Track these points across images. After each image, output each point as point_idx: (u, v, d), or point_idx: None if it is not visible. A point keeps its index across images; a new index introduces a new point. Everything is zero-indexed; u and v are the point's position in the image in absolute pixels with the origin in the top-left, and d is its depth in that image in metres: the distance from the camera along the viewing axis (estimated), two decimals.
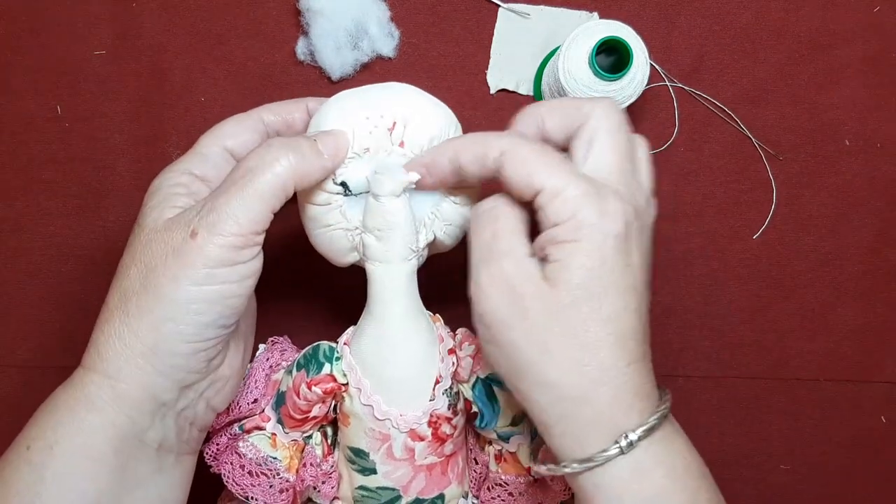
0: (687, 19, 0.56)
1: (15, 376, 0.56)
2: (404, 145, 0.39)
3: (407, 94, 0.40)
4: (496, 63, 0.56)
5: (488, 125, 0.56)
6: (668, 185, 0.57)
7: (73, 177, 0.55)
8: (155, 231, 0.36)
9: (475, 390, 0.42)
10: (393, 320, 0.41)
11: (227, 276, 0.35)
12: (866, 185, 0.57)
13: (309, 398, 0.41)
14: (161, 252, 0.35)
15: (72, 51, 0.55)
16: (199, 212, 0.35)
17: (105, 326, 0.36)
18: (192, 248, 0.35)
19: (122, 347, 0.35)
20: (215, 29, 0.56)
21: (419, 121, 0.39)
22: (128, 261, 0.37)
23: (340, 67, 0.54)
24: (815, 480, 0.58)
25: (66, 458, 0.35)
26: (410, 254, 0.41)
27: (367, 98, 0.40)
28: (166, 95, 0.55)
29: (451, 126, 0.41)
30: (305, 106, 0.44)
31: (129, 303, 0.36)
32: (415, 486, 0.42)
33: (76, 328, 0.55)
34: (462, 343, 0.43)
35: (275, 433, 0.43)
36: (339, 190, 0.40)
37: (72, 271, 0.56)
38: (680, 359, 0.57)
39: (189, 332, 0.35)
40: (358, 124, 0.39)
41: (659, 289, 0.57)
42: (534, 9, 0.56)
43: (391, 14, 0.55)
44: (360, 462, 0.42)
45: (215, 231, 0.35)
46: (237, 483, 0.42)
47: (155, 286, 0.35)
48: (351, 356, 0.41)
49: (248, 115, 0.43)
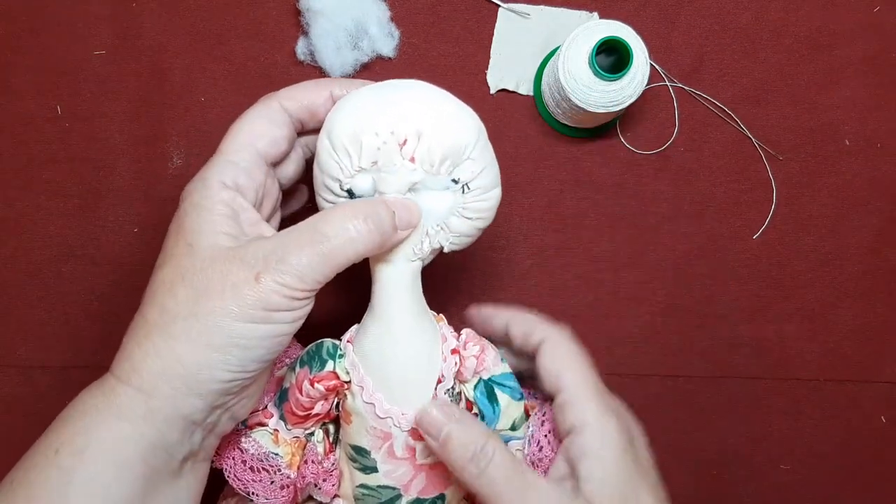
0: (687, 19, 0.56)
1: (15, 376, 0.56)
2: (415, 161, 0.39)
3: (429, 102, 0.38)
4: (496, 63, 0.56)
5: (488, 125, 0.56)
6: (668, 185, 0.57)
7: (73, 177, 0.55)
8: (213, 260, 0.35)
9: (477, 391, 0.42)
10: (396, 319, 0.41)
11: (281, 318, 0.36)
12: (866, 184, 0.57)
13: (311, 395, 0.41)
14: (219, 283, 0.35)
15: (72, 51, 0.55)
16: (266, 257, 0.35)
17: (144, 342, 0.35)
18: (255, 290, 0.34)
19: (162, 367, 0.35)
20: (215, 29, 0.56)
21: (434, 137, 0.38)
22: (172, 277, 0.36)
23: (340, 67, 0.54)
24: (815, 480, 0.58)
25: (96, 463, 0.34)
26: (414, 255, 0.41)
27: (383, 105, 0.38)
28: (166, 95, 0.55)
29: (470, 140, 0.39)
30: (330, 93, 0.42)
31: (175, 324, 0.35)
32: (415, 486, 0.42)
33: (76, 328, 0.55)
34: (466, 343, 0.42)
35: (277, 430, 0.43)
36: (345, 195, 0.40)
37: (72, 271, 0.56)
38: (680, 359, 0.57)
39: (234, 364, 0.35)
40: (367, 138, 0.38)
41: (659, 289, 0.57)
42: (534, 9, 0.56)
43: (391, 14, 0.55)
44: (361, 460, 0.42)
45: (282, 282, 0.35)
46: (238, 478, 0.42)
47: (207, 315, 0.35)
48: (354, 354, 0.41)
49: (268, 105, 0.41)
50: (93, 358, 0.55)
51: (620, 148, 0.57)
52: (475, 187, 0.40)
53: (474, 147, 0.39)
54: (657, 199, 0.57)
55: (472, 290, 0.56)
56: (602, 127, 0.56)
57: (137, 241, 0.56)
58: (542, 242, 0.56)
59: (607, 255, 0.57)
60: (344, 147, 0.38)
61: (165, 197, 0.55)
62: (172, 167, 0.55)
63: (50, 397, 0.55)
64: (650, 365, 0.57)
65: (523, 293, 0.56)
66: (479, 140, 0.39)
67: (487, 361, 0.42)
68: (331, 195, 0.40)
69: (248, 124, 0.40)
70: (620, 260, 0.57)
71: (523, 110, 0.56)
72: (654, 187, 0.57)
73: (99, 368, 0.37)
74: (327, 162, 0.39)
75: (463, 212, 0.41)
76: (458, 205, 0.40)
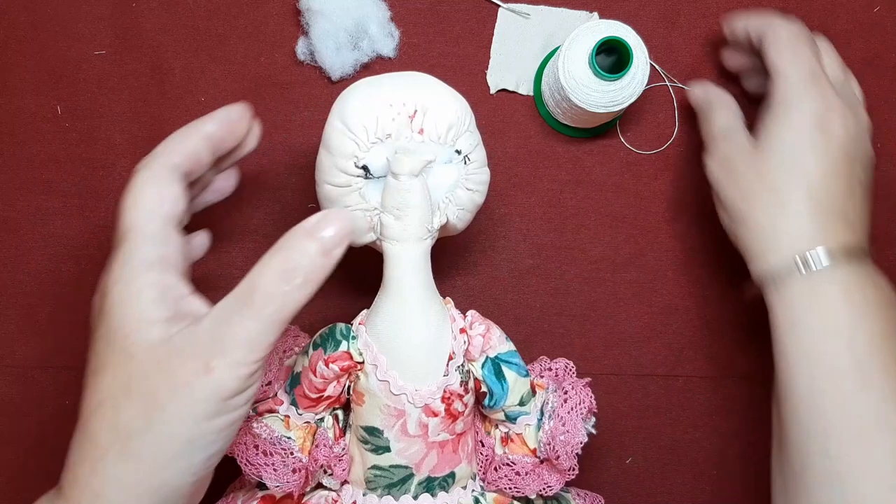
0: (687, 19, 0.56)
1: (15, 376, 0.56)
2: (423, 132, 0.42)
3: (427, 83, 0.42)
4: (496, 63, 0.56)
5: (488, 125, 0.56)
6: (668, 185, 0.57)
7: (73, 177, 0.55)
8: (155, 362, 0.33)
9: (485, 369, 0.44)
10: (408, 298, 0.43)
11: (238, 402, 0.34)
12: None
13: (326, 376, 0.43)
14: (168, 388, 0.32)
15: (72, 51, 0.55)
16: (211, 341, 0.33)
17: (98, 465, 0.33)
18: (208, 383, 0.32)
19: (121, 488, 0.33)
20: (215, 29, 0.56)
21: (438, 110, 0.42)
22: (115, 390, 0.33)
23: (340, 67, 0.54)
24: None
25: None
26: (426, 233, 0.43)
27: (390, 85, 0.42)
28: (166, 95, 0.55)
29: (467, 116, 0.43)
30: (204, 133, 0.40)
31: (130, 443, 0.33)
32: (427, 464, 0.44)
33: (76, 328, 0.55)
34: (472, 323, 0.45)
35: (288, 415, 0.44)
36: (360, 173, 0.42)
37: (72, 271, 0.56)
38: (680, 359, 0.57)
39: (198, 464, 0.34)
40: (381, 110, 0.41)
41: (659, 289, 0.57)
42: (534, 9, 0.56)
43: (391, 14, 0.55)
44: (373, 441, 0.44)
45: (234, 362, 0.32)
46: (251, 462, 0.43)
47: (163, 424, 0.32)
48: (367, 334, 0.43)
49: (152, 169, 0.38)
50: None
51: (620, 148, 0.57)
52: (474, 159, 0.44)
53: (470, 120, 0.43)
54: (657, 199, 0.57)
55: (472, 290, 0.56)
56: (602, 127, 0.56)
57: None
58: (541, 242, 0.56)
59: (607, 255, 0.57)
60: (359, 122, 0.41)
61: None
62: None
63: (50, 397, 0.55)
64: (650, 365, 0.57)
65: (523, 293, 0.56)
66: (470, 115, 0.43)
67: (493, 340, 0.45)
68: (342, 177, 0.42)
69: (141, 194, 0.37)
70: (620, 260, 0.57)
71: (523, 110, 0.56)
72: (654, 187, 0.57)
73: None
74: (340, 141, 0.41)
75: (466, 183, 0.44)
76: (462, 177, 0.43)
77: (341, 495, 0.45)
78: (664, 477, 0.57)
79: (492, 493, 0.46)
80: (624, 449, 0.57)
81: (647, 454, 0.57)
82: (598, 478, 0.56)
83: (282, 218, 0.56)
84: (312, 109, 0.55)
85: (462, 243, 0.56)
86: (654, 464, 0.57)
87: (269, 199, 0.56)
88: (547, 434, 0.45)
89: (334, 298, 0.55)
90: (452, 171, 0.43)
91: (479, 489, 0.46)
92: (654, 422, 0.57)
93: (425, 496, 0.44)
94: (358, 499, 0.44)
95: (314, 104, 0.55)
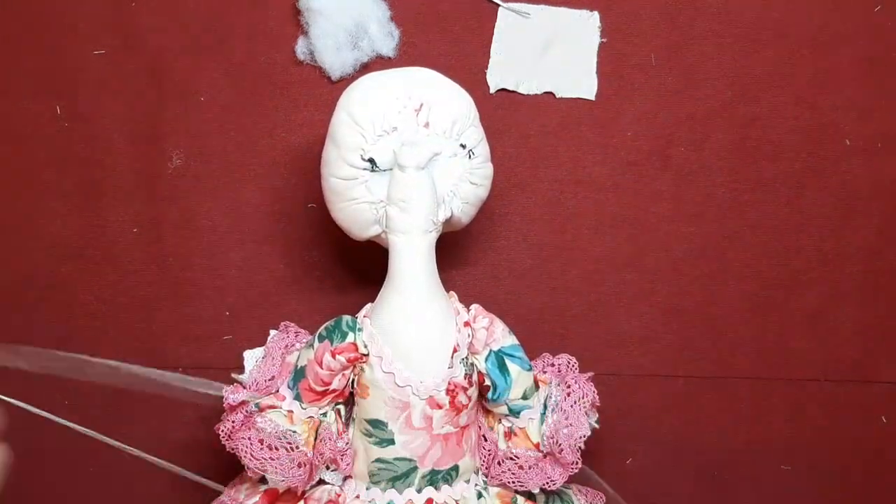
0: (687, 19, 0.56)
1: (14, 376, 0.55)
2: (429, 126, 0.43)
3: (433, 78, 0.44)
4: (496, 62, 0.56)
5: (488, 125, 0.56)
6: (668, 185, 0.57)
7: (73, 177, 0.55)
8: None
9: (488, 362, 0.45)
10: (414, 289, 0.44)
11: None
12: (867, 184, 0.57)
13: (332, 367, 0.43)
14: None
15: (72, 51, 0.55)
16: None
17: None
18: None
19: None
20: (215, 29, 0.56)
21: (444, 104, 0.43)
22: None
23: (340, 67, 0.54)
24: (815, 480, 0.58)
25: None
26: (431, 226, 0.44)
27: (396, 79, 0.43)
28: (166, 95, 0.55)
29: (471, 111, 0.44)
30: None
31: None
32: (431, 456, 0.44)
33: (76, 328, 0.55)
34: (476, 317, 0.45)
35: (291, 410, 0.45)
36: (367, 166, 0.43)
37: (72, 271, 0.56)
38: (680, 359, 0.57)
39: None
40: (388, 103, 0.42)
41: (659, 289, 0.57)
42: (534, 8, 0.56)
43: (391, 14, 0.55)
44: (377, 434, 0.44)
45: None
46: (255, 457, 0.43)
47: None
48: (372, 327, 0.44)
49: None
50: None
51: (621, 147, 0.57)
52: (479, 154, 0.45)
53: (475, 115, 0.44)
54: (657, 199, 0.57)
55: (472, 290, 0.56)
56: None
57: (137, 241, 0.56)
58: (542, 242, 0.56)
59: (607, 255, 0.57)
60: (365, 115, 0.42)
61: (165, 196, 0.55)
62: (172, 167, 0.55)
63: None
64: (650, 365, 0.57)
65: (523, 293, 0.56)
66: (475, 110, 0.44)
67: (497, 333, 0.45)
68: (349, 170, 0.43)
69: None
70: (620, 260, 0.57)
71: (523, 110, 0.56)
72: (654, 187, 0.57)
73: None
74: (347, 134, 0.42)
75: (470, 177, 0.45)
76: (467, 170, 0.44)
77: (344, 490, 0.45)
78: (664, 477, 0.57)
79: (495, 487, 0.46)
80: (624, 449, 0.57)
81: (647, 454, 0.57)
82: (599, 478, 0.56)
83: (282, 218, 0.56)
84: (312, 109, 0.55)
85: (462, 242, 0.56)
86: (654, 464, 0.57)
87: (269, 199, 0.56)
88: (550, 427, 0.45)
89: (337, 294, 0.55)
90: (457, 164, 0.44)
91: (483, 483, 0.46)
92: (654, 422, 0.57)
93: (429, 489, 0.44)
94: (361, 493, 0.44)
95: (314, 104, 0.55)
